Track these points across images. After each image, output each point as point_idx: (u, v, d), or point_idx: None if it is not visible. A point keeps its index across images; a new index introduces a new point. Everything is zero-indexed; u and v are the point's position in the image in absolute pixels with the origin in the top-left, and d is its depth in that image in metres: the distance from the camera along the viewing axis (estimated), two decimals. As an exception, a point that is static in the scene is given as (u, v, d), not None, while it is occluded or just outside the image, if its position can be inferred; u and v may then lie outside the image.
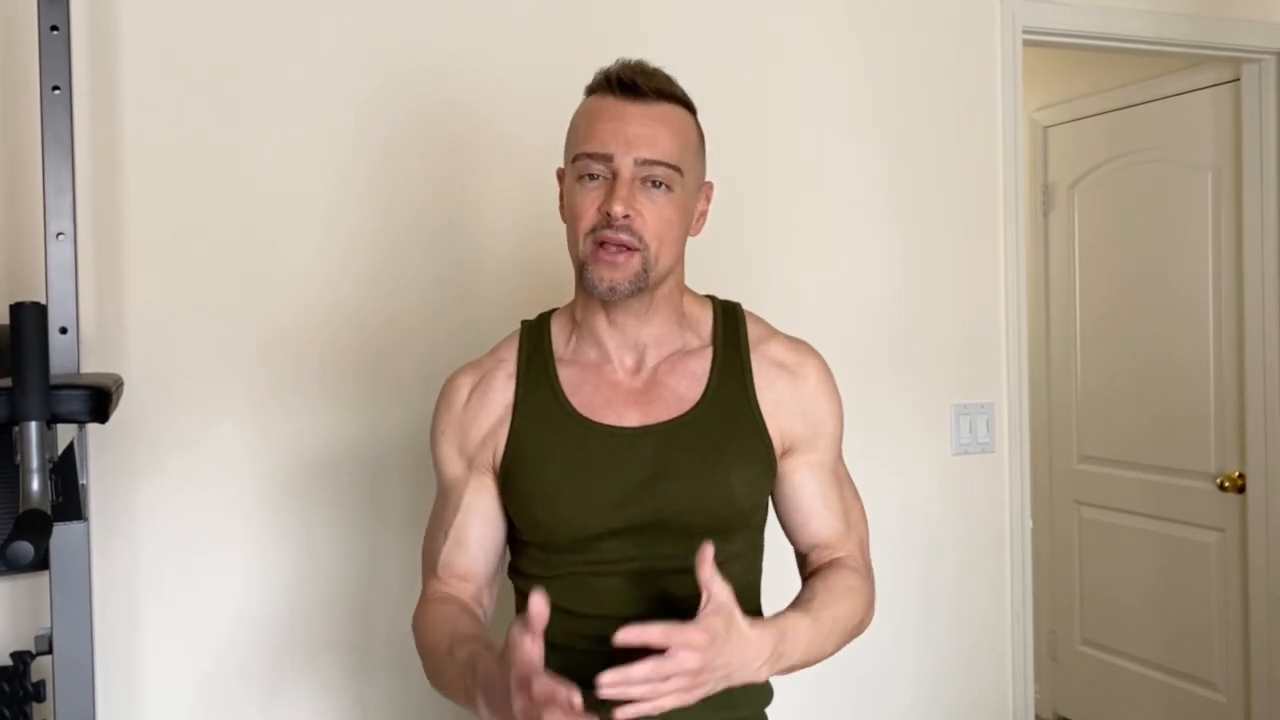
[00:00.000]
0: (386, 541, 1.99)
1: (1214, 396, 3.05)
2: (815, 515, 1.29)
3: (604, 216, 1.17)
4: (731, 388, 1.26)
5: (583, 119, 1.23)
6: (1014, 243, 2.48)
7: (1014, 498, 2.48)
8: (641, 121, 1.19)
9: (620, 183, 1.17)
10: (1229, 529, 3.02)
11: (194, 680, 1.90)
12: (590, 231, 1.19)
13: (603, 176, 1.19)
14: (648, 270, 1.19)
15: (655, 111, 1.20)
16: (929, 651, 2.40)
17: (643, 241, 1.18)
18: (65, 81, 1.51)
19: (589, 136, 1.20)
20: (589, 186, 1.19)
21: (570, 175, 1.23)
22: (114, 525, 1.85)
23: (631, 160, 1.17)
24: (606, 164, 1.18)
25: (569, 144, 1.25)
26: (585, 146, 1.19)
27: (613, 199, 1.17)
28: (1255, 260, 2.89)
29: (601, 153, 1.18)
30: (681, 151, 1.21)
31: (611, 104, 1.20)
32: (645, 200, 1.18)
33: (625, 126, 1.18)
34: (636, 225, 1.17)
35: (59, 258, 1.52)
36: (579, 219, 1.20)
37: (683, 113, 1.24)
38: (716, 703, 1.22)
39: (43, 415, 1.26)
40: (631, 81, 1.20)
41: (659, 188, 1.19)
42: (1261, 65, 2.81)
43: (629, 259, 1.18)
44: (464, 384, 1.31)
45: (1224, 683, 3.04)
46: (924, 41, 2.40)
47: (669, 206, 1.20)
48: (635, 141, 1.18)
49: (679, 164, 1.20)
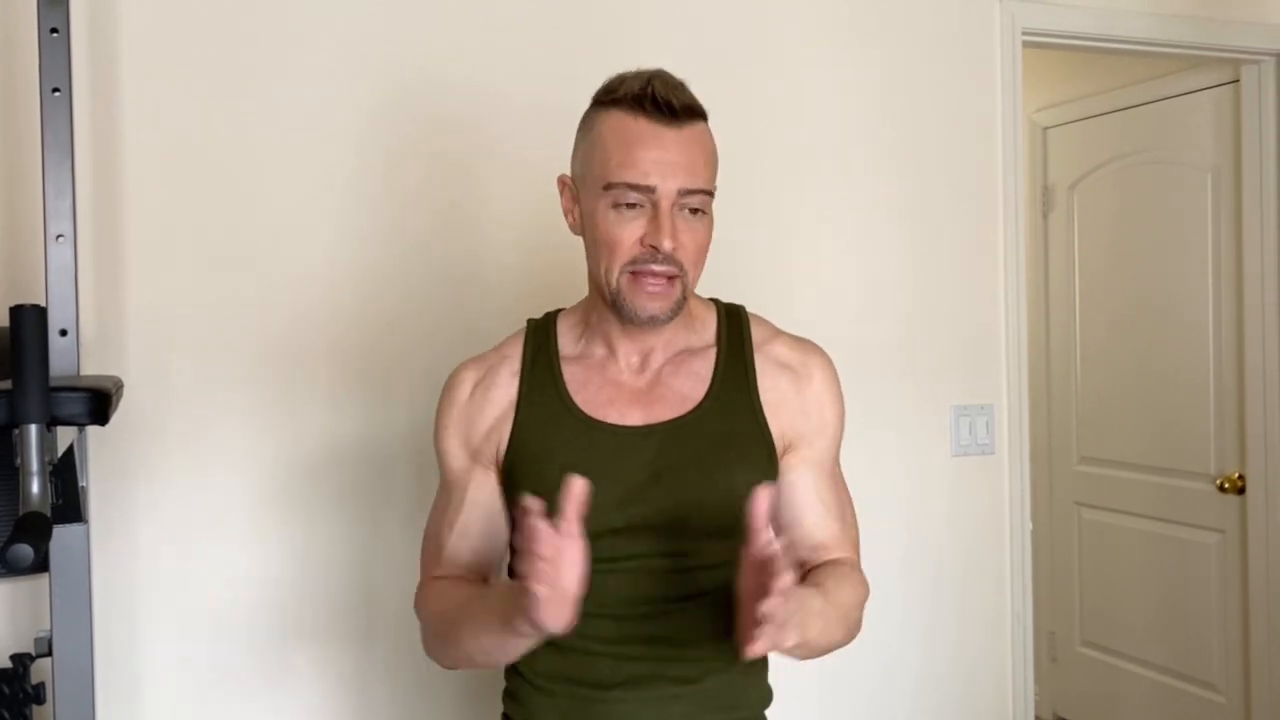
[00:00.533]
0: (388, 542, 1.99)
1: (1214, 398, 3.05)
2: (811, 514, 1.28)
3: (648, 250, 1.16)
4: (734, 387, 1.26)
5: (615, 142, 1.18)
6: (1014, 244, 2.48)
7: (1014, 499, 2.48)
8: (680, 149, 1.17)
9: (663, 215, 1.16)
10: (1229, 530, 3.02)
11: (194, 681, 1.89)
12: (630, 263, 1.18)
13: (639, 205, 1.17)
14: (685, 296, 1.21)
15: (689, 136, 1.18)
16: (929, 653, 2.40)
17: (682, 269, 1.19)
18: (65, 84, 1.51)
19: (627, 164, 1.16)
20: (626, 216, 1.17)
21: (597, 200, 1.19)
22: (114, 527, 1.85)
23: (674, 191, 1.16)
24: (647, 195, 1.16)
25: (594, 165, 1.20)
26: (624, 175, 1.16)
27: (660, 234, 1.15)
28: (1255, 261, 2.89)
29: (643, 184, 1.16)
30: (713, 172, 1.22)
31: (647, 129, 1.17)
32: (684, 228, 1.18)
33: (665, 154, 1.16)
34: (679, 255, 1.18)
35: (59, 260, 1.52)
36: (616, 249, 1.18)
37: (707, 129, 1.23)
38: (716, 704, 1.23)
39: (42, 418, 1.26)
40: (667, 102, 1.16)
41: (695, 214, 1.19)
42: (1261, 66, 2.81)
43: (670, 288, 1.18)
44: (468, 378, 1.31)
45: (1224, 684, 3.04)
46: (923, 43, 2.40)
47: (704, 231, 1.21)
48: (677, 172, 1.16)
49: (712, 186, 1.21)
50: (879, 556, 1.81)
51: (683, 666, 1.21)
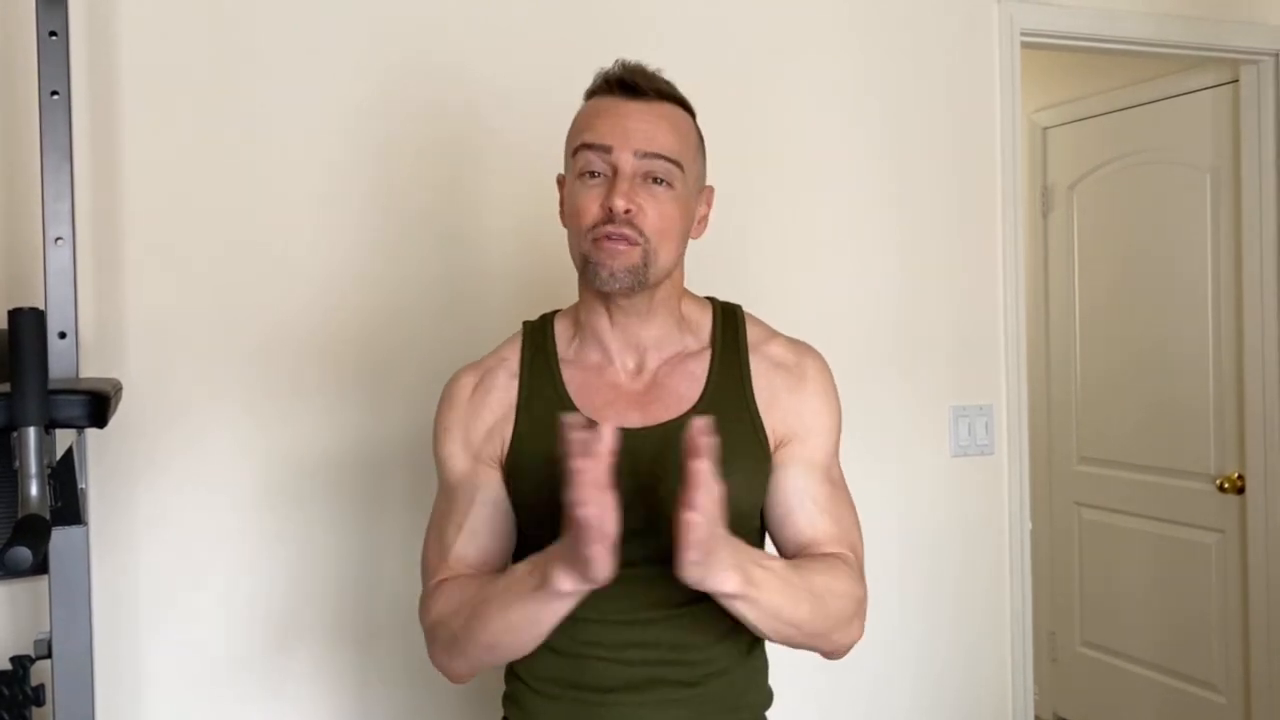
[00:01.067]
0: (388, 540, 2.00)
1: (1213, 398, 3.05)
2: (801, 511, 1.25)
3: (605, 213, 1.17)
4: (729, 389, 1.26)
5: (582, 117, 1.24)
6: (1013, 244, 2.48)
7: (1013, 499, 2.48)
8: (642, 117, 1.20)
9: (621, 177, 1.18)
10: (1228, 530, 3.02)
11: (195, 683, 1.90)
12: (591, 227, 1.19)
13: (603, 175, 1.19)
14: (648, 265, 1.19)
15: (656, 109, 1.21)
16: (929, 653, 2.40)
17: (643, 236, 1.18)
18: (64, 87, 1.52)
19: (589, 129, 1.21)
20: (590, 184, 1.20)
21: (570, 173, 1.23)
22: (114, 529, 1.85)
23: (631, 153, 1.18)
24: (605, 156, 1.18)
25: (569, 141, 1.25)
26: (585, 138, 1.20)
27: (614, 194, 1.17)
28: (1254, 261, 2.89)
29: (600, 143, 1.19)
30: (681, 147, 1.22)
31: (611, 102, 1.21)
32: (646, 196, 1.19)
33: (625, 121, 1.19)
34: (638, 220, 1.18)
35: (58, 263, 1.53)
36: (580, 215, 1.20)
37: (682, 113, 1.25)
38: (717, 707, 1.23)
39: (41, 420, 1.27)
40: (632, 82, 1.21)
41: (660, 184, 1.20)
42: (1260, 67, 2.82)
43: (630, 250, 1.18)
44: (467, 382, 1.31)
45: (1224, 684, 3.04)
46: (922, 44, 2.40)
47: (670, 203, 1.20)
48: (634, 135, 1.18)
49: (679, 159, 1.21)
50: (879, 557, 1.81)
51: (682, 670, 1.21)
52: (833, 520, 1.26)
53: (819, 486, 1.27)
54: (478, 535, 1.26)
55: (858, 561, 1.28)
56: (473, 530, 1.26)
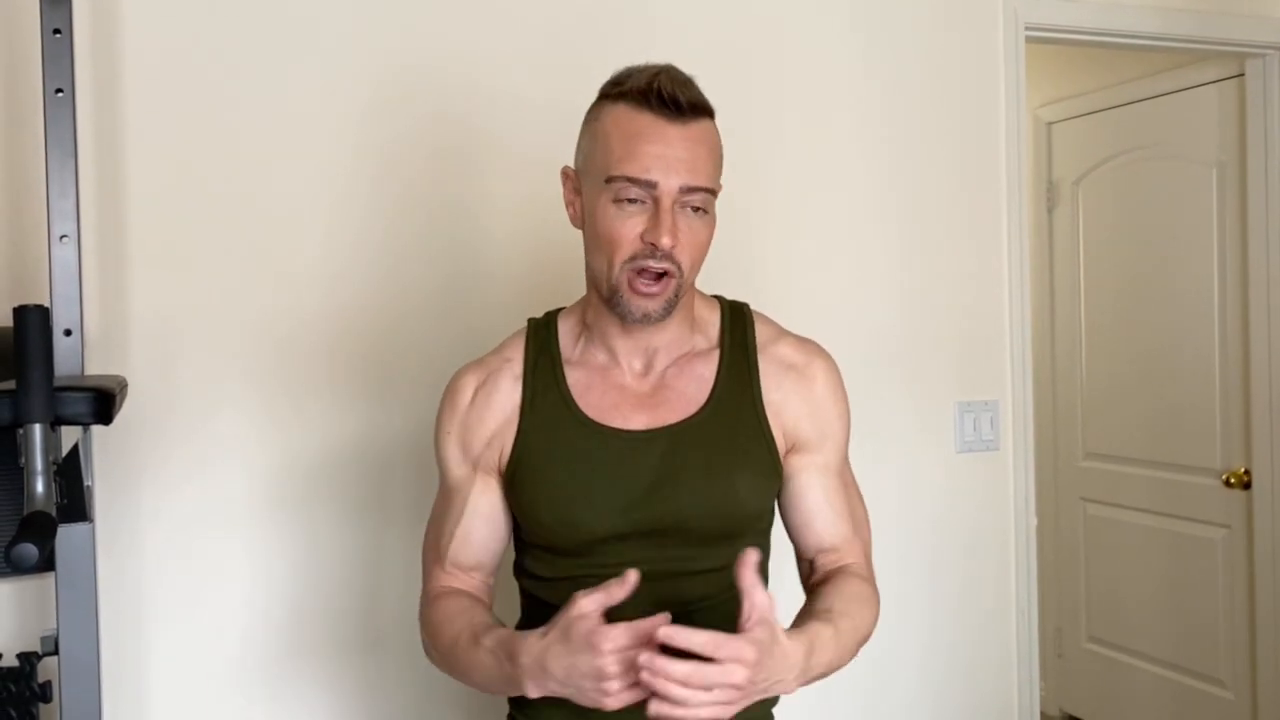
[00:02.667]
0: (392, 539, 2.00)
1: (1219, 393, 3.04)
2: (821, 517, 1.27)
3: (647, 246, 1.15)
4: (737, 390, 1.26)
5: (618, 135, 1.16)
6: (1017, 240, 2.47)
7: (1018, 495, 2.48)
8: (684, 146, 1.15)
9: (664, 211, 1.14)
10: (1235, 525, 3.01)
11: (201, 679, 1.90)
12: (629, 260, 1.16)
13: (640, 201, 1.15)
14: (679, 295, 1.19)
15: (694, 132, 1.17)
16: (935, 650, 2.40)
17: (679, 268, 1.17)
18: (68, 84, 1.52)
19: (629, 158, 1.14)
20: (627, 211, 1.15)
21: (599, 193, 1.18)
22: (119, 526, 1.85)
23: (675, 188, 1.15)
24: (649, 190, 1.15)
25: (597, 157, 1.19)
26: (626, 169, 1.14)
27: (660, 230, 1.14)
28: (1260, 256, 2.88)
29: (645, 179, 1.14)
30: (717, 171, 1.20)
31: (651, 123, 1.15)
32: (684, 226, 1.16)
33: (669, 151, 1.14)
34: (677, 255, 1.16)
35: (63, 260, 1.53)
36: (616, 245, 1.16)
37: (713, 127, 1.21)
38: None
39: (47, 418, 1.27)
40: (673, 97, 1.15)
41: (697, 212, 1.17)
42: (1266, 60, 2.80)
43: (665, 286, 1.17)
44: (469, 383, 1.30)
45: (1231, 679, 3.04)
46: (926, 39, 2.39)
47: (705, 230, 1.19)
48: (680, 169, 1.14)
49: (715, 185, 1.20)
50: (883, 553, 1.80)
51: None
52: (849, 523, 1.29)
53: (836, 492, 1.29)
54: (470, 543, 1.28)
55: (869, 562, 1.31)
56: (465, 537, 1.28)
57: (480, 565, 1.29)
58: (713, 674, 0.97)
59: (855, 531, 1.29)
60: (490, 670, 1.13)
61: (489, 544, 1.29)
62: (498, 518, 1.29)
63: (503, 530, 1.30)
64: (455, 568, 1.28)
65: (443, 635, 1.22)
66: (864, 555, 1.30)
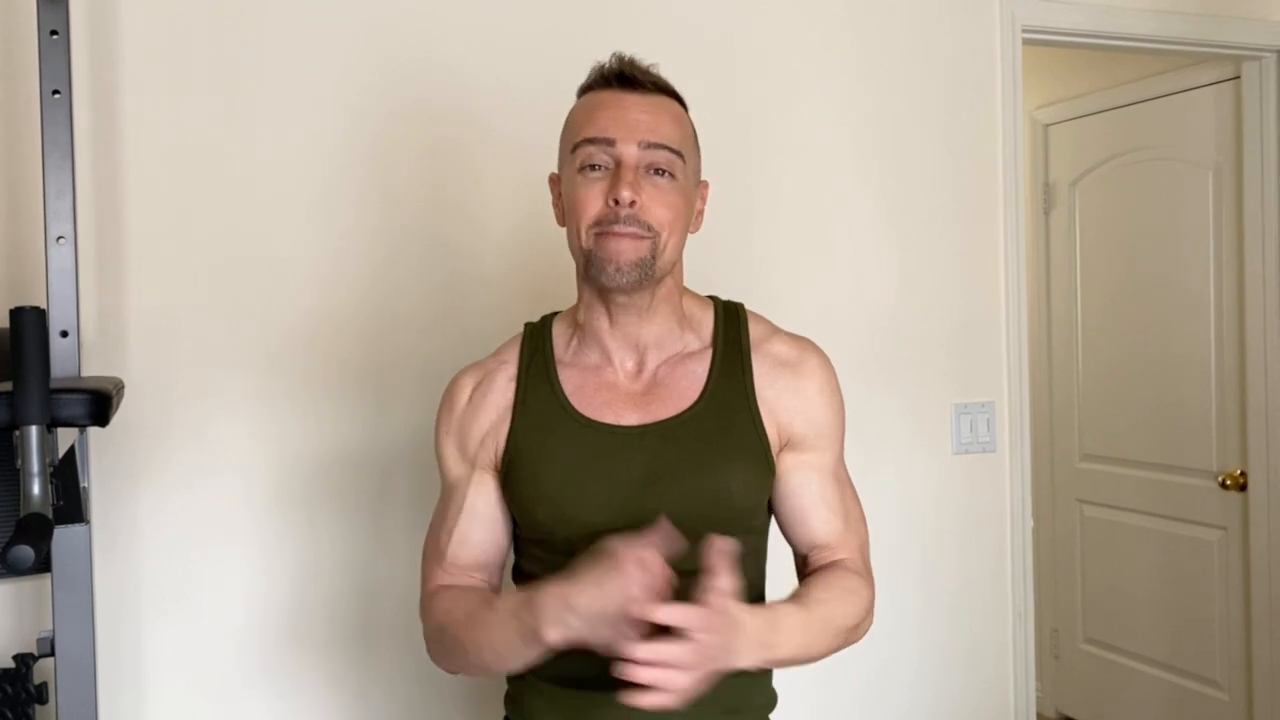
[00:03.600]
0: (390, 542, 2.00)
1: (1216, 394, 3.05)
2: (815, 514, 1.27)
3: (610, 207, 1.16)
4: (730, 387, 1.26)
5: (581, 111, 1.22)
6: (1014, 241, 2.48)
7: (1015, 497, 2.48)
8: (642, 108, 1.19)
9: (625, 168, 1.16)
10: (1231, 527, 3.02)
11: (198, 680, 1.90)
12: (595, 223, 1.17)
13: (605, 167, 1.18)
14: (655, 257, 1.19)
15: (654, 100, 1.21)
16: (931, 651, 2.40)
17: (650, 230, 1.17)
18: (65, 86, 1.52)
19: (588, 123, 1.19)
20: (591, 177, 1.18)
21: (569, 168, 1.21)
22: (116, 528, 1.85)
23: (635, 145, 1.17)
24: (609, 149, 1.17)
25: (566, 138, 1.23)
26: (586, 132, 1.18)
27: (620, 185, 1.15)
28: (1256, 258, 2.88)
29: (604, 137, 1.17)
30: (682, 138, 1.22)
31: (610, 95, 1.20)
32: (651, 188, 1.18)
33: (626, 113, 1.18)
34: (643, 214, 1.17)
35: (59, 262, 1.53)
36: (582, 210, 1.18)
37: (679, 106, 1.25)
38: (718, 707, 1.23)
39: (43, 419, 1.27)
40: (630, 74, 1.20)
41: (663, 175, 1.19)
42: (1262, 63, 2.81)
43: (637, 242, 1.17)
44: (466, 384, 1.31)
45: (1226, 680, 3.04)
46: (923, 41, 2.40)
47: (674, 193, 1.20)
48: (638, 126, 1.17)
49: (680, 149, 1.20)
50: (880, 555, 1.80)
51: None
52: (843, 521, 1.28)
53: (829, 489, 1.29)
54: (468, 542, 1.28)
55: (864, 558, 1.30)
56: (463, 536, 1.28)
57: (480, 565, 1.29)
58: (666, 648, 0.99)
59: (849, 528, 1.29)
60: (504, 628, 1.11)
61: (487, 543, 1.28)
62: (495, 516, 1.28)
63: (501, 529, 1.29)
64: (454, 567, 1.28)
65: (450, 617, 1.20)
66: (859, 552, 1.29)
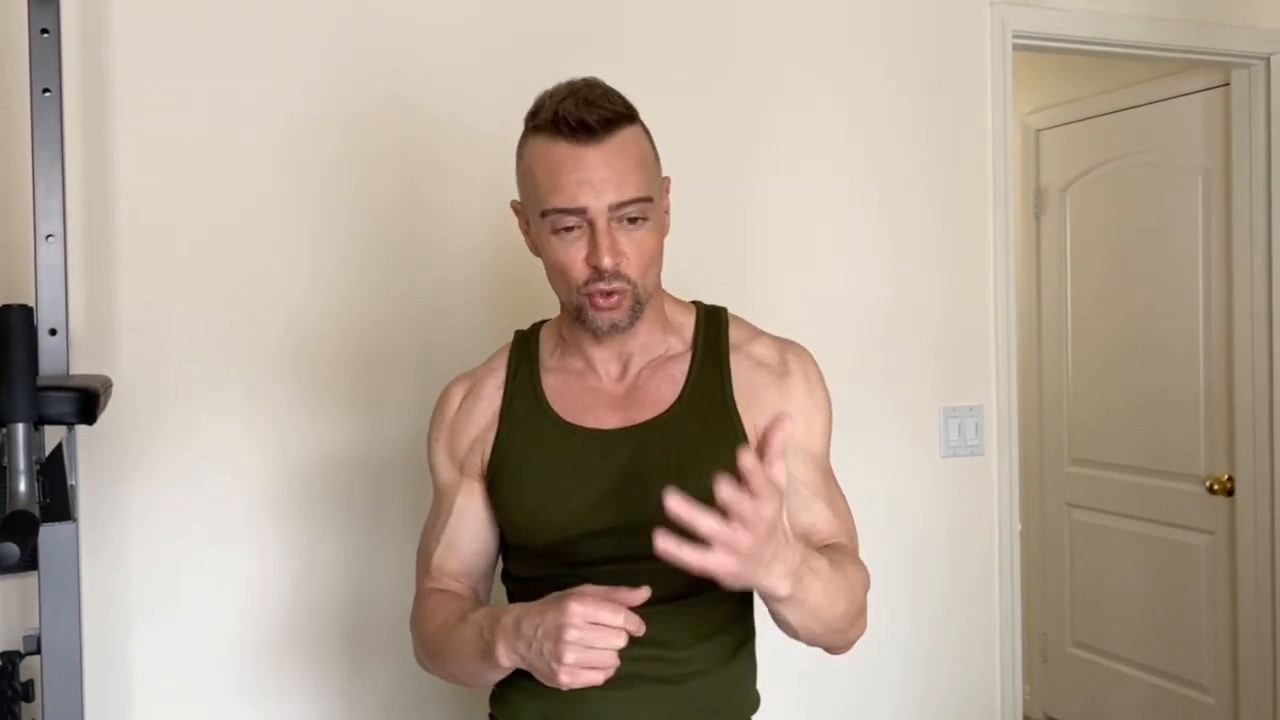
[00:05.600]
0: (380, 544, 2.00)
1: (1204, 400, 3.06)
2: (795, 496, 1.25)
3: (593, 271, 1.17)
4: (708, 389, 1.26)
5: (541, 169, 1.18)
6: (1003, 246, 2.48)
7: (1003, 500, 2.49)
8: (605, 165, 1.15)
9: (600, 234, 1.15)
10: (1218, 532, 3.03)
11: (186, 680, 1.90)
12: (582, 285, 1.18)
13: (578, 226, 1.17)
14: (640, 302, 1.21)
15: (612, 148, 1.16)
16: (919, 654, 2.41)
17: (630, 281, 1.18)
18: (55, 84, 1.52)
19: (554, 190, 1.16)
20: (567, 239, 1.17)
21: (541, 229, 1.20)
22: (105, 526, 1.85)
23: (605, 207, 1.15)
24: (580, 216, 1.16)
25: (529, 192, 1.21)
26: (555, 202, 1.16)
27: (600, 253, 1.15)
28: (1244, 263, 2.90)
29: (572, 207, 1.15)
30: (648, 180, 1.20)
31: (567, 152, 1.15)
32: (626, 240, 1.17)
33: (590, 175, 1.15)
34: (624, 269, 1.17)
35: (49, 260, 1.53)
36: (566, 273, 1.19)
37: (634, 133, 1.20)
38: (698, 706, 1.24)
39: (30, 417, 1.27)
40: (580, 121, 1.14)
41: (635, 223, 1.18)
42: (1251, 70, 2.83)
43: (622, 300, 1.19)
44: (457, 392, 1.34)
45: (1213, 685, 3.06)
46: (914, 46, 2.41)
47: (649, 237, 1.20)
48: (604, 188, 1.15)
49: (649, 192, 1.19)
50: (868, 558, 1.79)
51: (665, 667, 1.22)
52: (829, 506, 1.27)
53: (811, 473, 1.27)
54: (455, 548, 1.30)
55: (856, 547, 1.30)
56: (450, 542, 1.31)
57: (467, 572, 1.30)
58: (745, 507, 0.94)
59: (838, 518, 1.28)
60: (471, 643, 1.14)
61: (474, 550, 1.31)
62: (483, 523, 1.31)
63: (489, 536, 1.31)
64: (441, 574, 1.30)
65: (430, 624, 1.24)
66: (848, 539, 1.28)
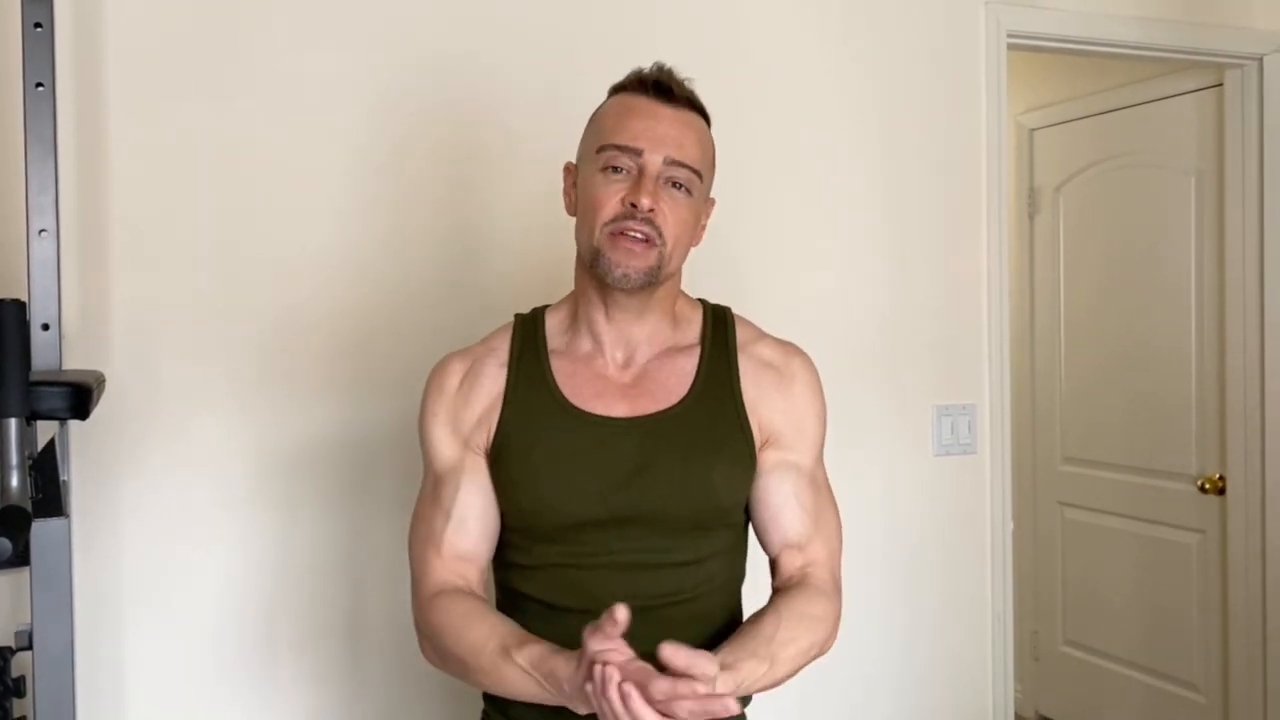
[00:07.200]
0: (374, 534, 2.00)
1: (1196, 400, 3.07)
2: (787, 512, 1.28)
3: (628, 208, 1.20)
4: (717, 385, 1.28)
5: (612, 113, 1.25)
6: (997, 245, 2.49)
7: (995, 499, 2.50)
8: (673, 123, 1.23)
9: (647, 177, 1.20)
10: (1209, 531, 3.04)
11: (178, 675, 1.90)
12: (610, 221, 1.20)
13: (627, 171, 1.21)
14: (661, 266, 1.22)
15: (685, 117, 1.24)
16: (910, 652, 2.41)
17: (661, 237, 1.21)
18: (49, 79, 1.51)
19: (619, 129, 1.22)
20: (612, 179, 1.21)
21: (591, 166, 1.24)
22: (98, 521, 1.85)
23: (660, 158, 1.21)
24: (635, 158, 1.21)
25: (592, 136, 1.27)
26: (615, 138, 1.22)
27: (640, 191, 1.19)
28: (1237, 263, 2.91)
29: (632, 146, 1.21)
30: (703, 159, 1.26)
31: (644, 103, 1.23)
32: (667, 199, 1.22)
33: (657, 126, 1.22)
34: (658, 220, 1.20)
35: (41, 255, 1.52)
36: (598, 208, 1.21)
37: (703, 124, 1.28)
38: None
39: (22, 412, 1.27)
40: (667, 85, 1.24)
41: (680, 189, 1.23)
42: (1244, 70, 2.83)
43: (647, 250, 1.21)
44: (455, 369, 1.31)
45: (1204, 683, 3.07)
46: (908, 45, 2.41)
47: (686, 208, 1.24)
48: (666, 141, 1.21)
49: (700, 169, 1.24)
50: (861, 556, 1.82)
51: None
52: (815, 524, 1.29)
53: (805, 490, 1.29)
54: (466, 524, 1.26)
55: (833, 571, 1.30)
56: (461, 519, 1.26)
57: (476, 555, 1.27)
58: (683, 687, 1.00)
59: (819, 532, 1.29)
60: (528, 687, 1.13)
61: (484, 525, 1.27)
62: (490, 503, 1.27)
63: (494, 516, 1.28)
64: (452, 554, 1.26)
65: (459, 641, 1.19)
66: (828, 560, 1.29)
